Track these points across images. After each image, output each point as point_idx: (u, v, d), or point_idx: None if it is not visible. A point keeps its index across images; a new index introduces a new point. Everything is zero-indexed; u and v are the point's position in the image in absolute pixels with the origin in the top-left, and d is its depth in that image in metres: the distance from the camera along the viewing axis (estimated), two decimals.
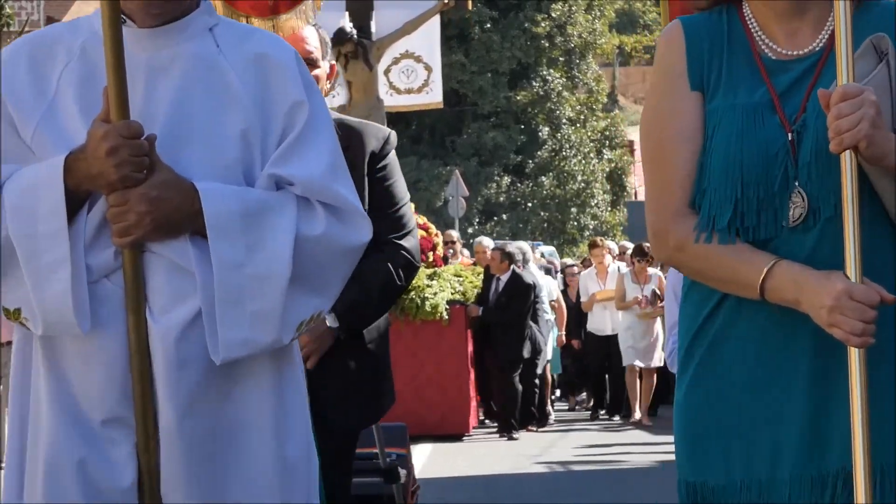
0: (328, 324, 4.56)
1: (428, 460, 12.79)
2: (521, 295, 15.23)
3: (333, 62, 5.18)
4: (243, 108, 3.02)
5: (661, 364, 16.03)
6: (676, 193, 2.90)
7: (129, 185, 2.92)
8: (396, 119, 37.45)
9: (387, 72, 16.70)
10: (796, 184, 2.83)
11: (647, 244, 16.58)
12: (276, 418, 3.04)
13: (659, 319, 16.07)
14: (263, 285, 2.95)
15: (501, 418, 15.34)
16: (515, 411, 15.30)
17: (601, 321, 17.15)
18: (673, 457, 2.89)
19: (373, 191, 4.69)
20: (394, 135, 4.88)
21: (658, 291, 16.10)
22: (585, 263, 19.39)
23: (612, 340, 16.89)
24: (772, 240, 2.85)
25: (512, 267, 15.24)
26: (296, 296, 2.99)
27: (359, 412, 4.78)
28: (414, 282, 14.53)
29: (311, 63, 4.95)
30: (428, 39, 17.03)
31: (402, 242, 4.72)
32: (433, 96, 17.45)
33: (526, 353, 15.39)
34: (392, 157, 4.83)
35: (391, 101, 16.84)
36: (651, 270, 16.46)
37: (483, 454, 13.66)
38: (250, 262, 2.94)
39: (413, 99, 17.35)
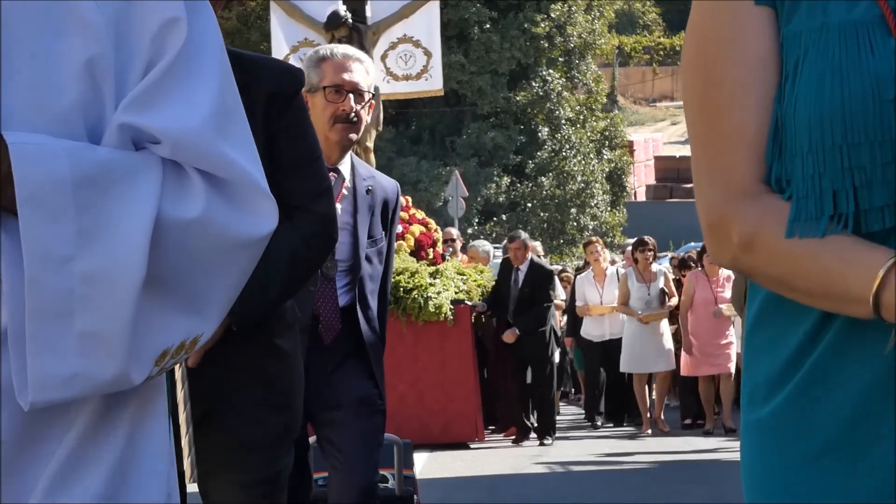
0: None
1: (429, 461, 12.77)
2: (545, 282, 14.45)
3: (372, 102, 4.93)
4: (90, 29, 2.02)
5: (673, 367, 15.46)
6: (741, 163, 1.94)
7: None
8: (396, 119, 37.53)
9: (383, 57, 15.77)
10: None
11: (648, 237, 15.79)
12: (118, 489, 2.02)
13: (666, 320, 15.40)
14: (102, 291, 1.93)
15: (520, 423, 14.57)
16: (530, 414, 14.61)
17: (597, 326, 16.03)
18: (672, 457, 2.78)
19: (274, 142, 3.73)
20: (302, 72, 3.93)
21: (666, 290, 15.33)
22: (586, 266, 18.69)
23: (609, 346, 15.86)
24: (893, 231, 1.87)
25: (530, 255, 14.53)
26: (157, 310, 1.99)
27: (274, 423, 3.80)
28: (416, 280, 13.90)
29: (359, 94, 4.80)
30: (427, 23, 16.11)
31: (314, 207, 3.80)
32: (433, 83, 16.36)
33: (550, 352, 14.49)
34: (301, 101, 3.85)
35: (388, 88, 15.89)
36: (656, 267, 15.66)
37: (484, 455, 13.63)
38: (83, 256, 1.93)
39: (412, 86, 16.33)
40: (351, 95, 4.92)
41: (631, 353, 15.39)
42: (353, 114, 4.92)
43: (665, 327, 15.38)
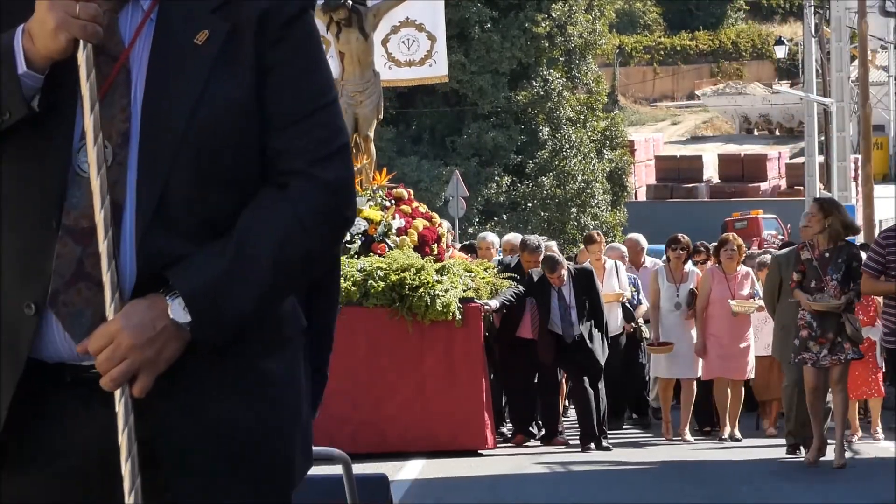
0: (172, 316, 2.54)
1: (428, 461, 12.71)
2: (593, 281, 13.79)
3: None
4: None
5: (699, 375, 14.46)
6: None
7: None
8: (396, 118, 37.50)
9: (385, 42, 14.96)
10: None
11: (682, 235, 14.92)
12: None
13: (690, 324, 14.42)
14: None
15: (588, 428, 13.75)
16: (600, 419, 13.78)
17: None
18: (673, 458, 2.58)
19: (266, 82, 2.65)
20: None
21: (696, 291, 14.39)
22: (578, 260, 18.15)
23: (612, 343, 14.78)
24: None
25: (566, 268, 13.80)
26: None
27: (238, 485, 2.60)
28: (422, 277, 13.09)
29: None
30: (431, 6, 15.43)
31: (320, 173, 2.64)
32: (437, 69, 15.51)
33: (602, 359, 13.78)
34: (307, 23, 2.72)
35: (389, 74, 15.08)
36: (688, 267, 14.72)
37: (483, 455, 13.53)
38: None
39: (414, 72, 15.45)
40: None
41: (658, 358, 14.63)
42: None
43: (694, 333, 14.47)
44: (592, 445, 13.56)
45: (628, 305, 15.32)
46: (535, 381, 14.09)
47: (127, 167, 2.57)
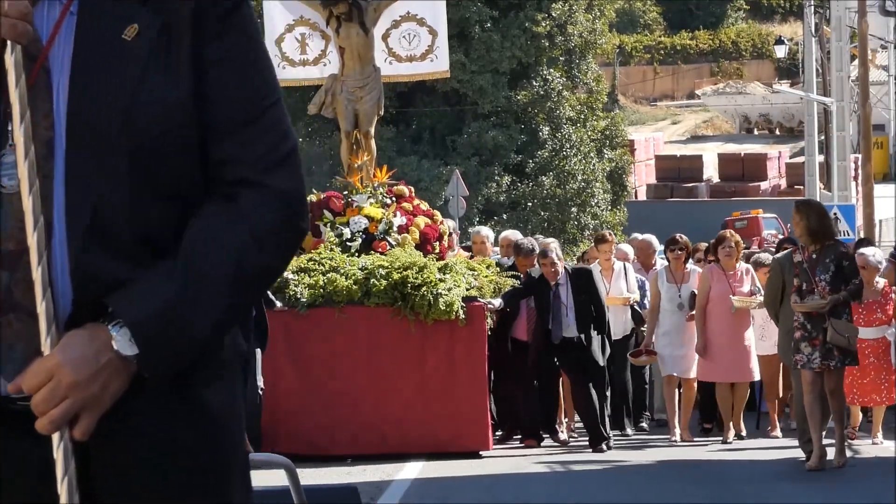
0: (116, 348, 2.30)
1: (428, 462, 12.69)
2: (593, 281, 13.66)
3: None
4: None
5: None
6: None
7: None
8: (396, 118, 37.46)
9: (385, 36, 14.69)
10: None
11: (680, 235, 14.79)
12: None
13: (694, 325, 14.23)
14: None
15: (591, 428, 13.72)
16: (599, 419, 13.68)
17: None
18: (673, 458, 2.58)
19: (205, 83, 2.41)
20: None
21: (696, 293, 14.21)
22: (585, 258, 18.00)
23: (617, 346, 14.51)
24: None
25: (563, 266, 13.65)
26: None
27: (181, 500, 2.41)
28: (424, 276, 12.97)
29: None
30: (432, 1, 15.27)
31: (272, 182, 2.43)
32: (438, 64, 15.19)
33: (602, 361, 13.71)
34: (246, 14, 2.47)
35: (390, 69, 14.87)
36: (690, 266, 14.62)
37: (483, 455, 13.51)
38: None
39: (415, 67, 15.14)
40: None
41: (661, 357, 14.46)
42: None
43: (694, 332, 14.26)
44: (603, 446, 13.46)
45: (637, 308, 15.14)
46: (535, 382, 13.96)
47: (53, 180, 2.32)
